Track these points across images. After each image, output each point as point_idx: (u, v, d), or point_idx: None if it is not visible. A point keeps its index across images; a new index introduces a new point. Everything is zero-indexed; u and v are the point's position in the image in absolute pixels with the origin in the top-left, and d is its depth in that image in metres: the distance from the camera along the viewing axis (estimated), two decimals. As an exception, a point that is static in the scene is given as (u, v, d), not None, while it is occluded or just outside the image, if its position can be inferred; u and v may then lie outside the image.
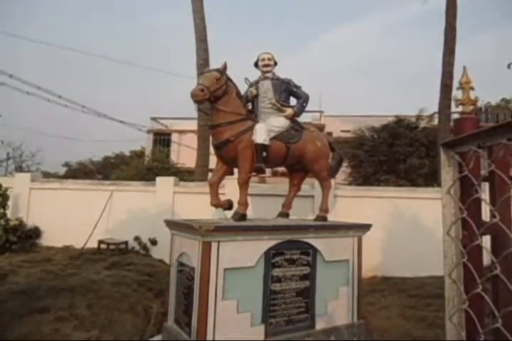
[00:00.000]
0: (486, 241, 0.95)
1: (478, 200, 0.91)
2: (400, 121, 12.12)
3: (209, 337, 3.07)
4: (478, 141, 0.83)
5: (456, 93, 1.08)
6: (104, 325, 3.56)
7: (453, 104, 1.23)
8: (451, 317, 0.91)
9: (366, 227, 4.05)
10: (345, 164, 11.47)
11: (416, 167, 10.86)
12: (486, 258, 0.94)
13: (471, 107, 0.98)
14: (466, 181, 0.93)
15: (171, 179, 7.11)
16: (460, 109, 0.99)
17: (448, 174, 0.95)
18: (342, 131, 14.98)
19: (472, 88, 0.99)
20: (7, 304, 3.74)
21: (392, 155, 11.24)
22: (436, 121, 11.56)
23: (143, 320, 3.90)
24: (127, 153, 24.34)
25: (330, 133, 15.02)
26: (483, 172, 0.94)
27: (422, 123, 12.35)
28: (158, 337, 3.74)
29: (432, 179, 10.13)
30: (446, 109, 9.19)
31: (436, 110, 10.87)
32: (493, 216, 0.81)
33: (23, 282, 4.48)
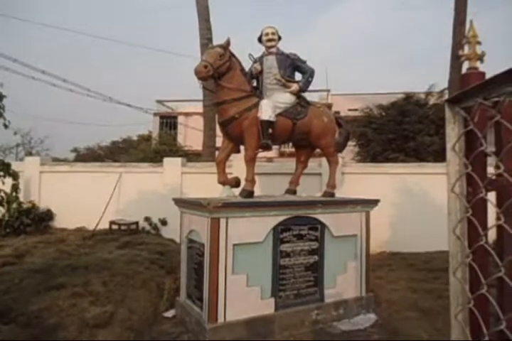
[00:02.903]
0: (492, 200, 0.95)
1: (484, 155, 0.90)
2: (409, 98, 11.86)
3: (220, 310, 3.16)
4: (484, 93, 0.81)
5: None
6: (119, 300, 3.67)
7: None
8: (454, 272, 0.92)
9: (374, 202, 4.05)
10: (352, 143, 11.35)
11: (425, 145, 10.70)
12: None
13: (478, 62, 0.95)
14: (471, 137, 0.92)
15: (179, 160, 7.15)
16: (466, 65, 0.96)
17: (453, 131, 0.93)
18: (349, 110, 14.76)
19: (479, 42, 0.96)
20: (25, 281, 3.87)
21: (401, 133, 11.07)
22: (446, 98, 11.29)
23: (156, 295, 4.01)
24: (135, 138, 24.39)
25: (337, 112, 14.78)
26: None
27: (432, 100, 12.09)
28: (172, 311, 3.85)
29: (441, 157, 9.99)
30: (457, 82, 8.97)
31: (447, 87, 10.63)
32: (497, 167, 0.80)
33: (39, 261, 4.61)
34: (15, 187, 5.75)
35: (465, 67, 1.04)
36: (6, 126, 3.11)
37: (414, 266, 5.06)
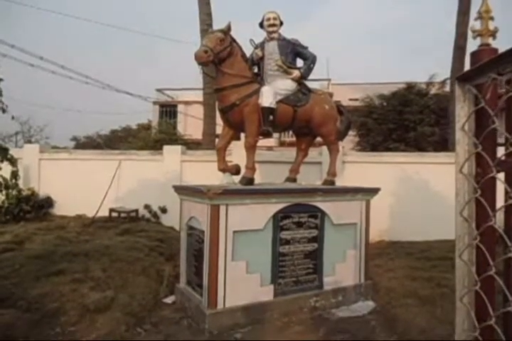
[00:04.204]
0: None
1: (494, 135, 0.87)
2: (410, 87, 11.77)
3: (220, 296, 3.18)
4: (498, 68, 0.78)
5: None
6: (119, 286, 3.69)
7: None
8: (461, 254, 0.91)
9: (374, 191, 4.04)
10: (353, 133, 11.29)
11: (426, 135, 10.66)
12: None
13: (490, 38, 0.92)
14: (481, 116, 0.89)
15: (179, 148, 7.11)
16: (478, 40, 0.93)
17: (463, 109, 0.90)
18: (350, 100, 14.64)
19: (492, 18, 0.93)
20: (26, 267, 3.88)
21: (401, 123, 11.02)
22: (447, 88, 11.19)
23: (156, 281, 4.02)
24: (134, 126, 24.28)
25: (338, 102, 14.67)
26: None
27: (433, 90, 12.00)
28: (172, 297, 3.87)
29: (442, 147, 9.97)
30: (459, 72, 8.86)
31: (448, 77, 10.52)
32: (510, 144, 0.78)
33: (39, 248, 4.61)
34: (14, 174, 5.73)
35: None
36: (3, 111, 3.06)
37: (413, 254, 5.07)
